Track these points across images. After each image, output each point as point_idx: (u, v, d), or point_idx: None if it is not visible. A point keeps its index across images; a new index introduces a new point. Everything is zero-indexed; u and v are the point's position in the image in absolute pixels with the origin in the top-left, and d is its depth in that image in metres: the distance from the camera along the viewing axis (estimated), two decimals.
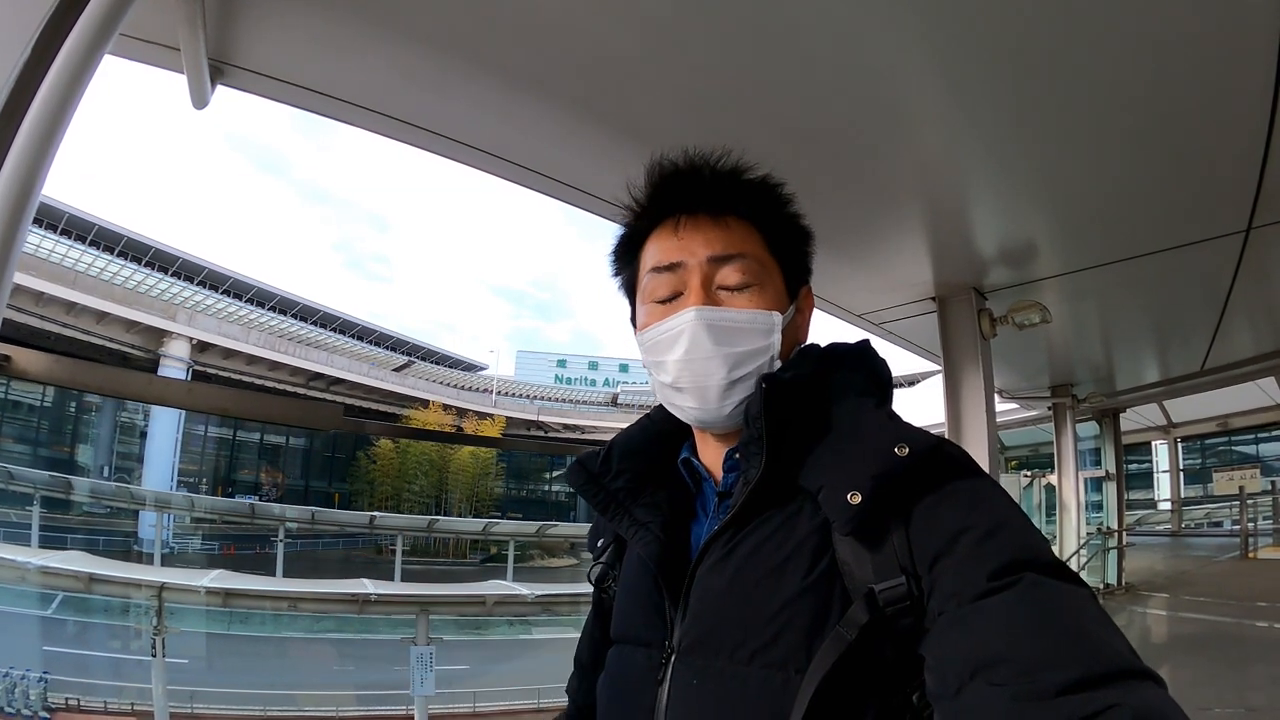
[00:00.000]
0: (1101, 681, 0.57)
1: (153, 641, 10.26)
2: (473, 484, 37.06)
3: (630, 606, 0.95)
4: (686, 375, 0.88)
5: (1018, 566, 0.66)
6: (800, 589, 0.76)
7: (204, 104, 1.60)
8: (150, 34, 1.46)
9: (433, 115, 1.87)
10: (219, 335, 29.96)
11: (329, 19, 1.49)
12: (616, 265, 1.02)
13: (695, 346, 0.86)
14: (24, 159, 0.99)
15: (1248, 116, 1.84)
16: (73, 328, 25.66)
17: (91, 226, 31.48)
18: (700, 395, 0.88)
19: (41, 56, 1.03)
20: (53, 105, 1.01)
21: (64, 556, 13.56)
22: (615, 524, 0.95)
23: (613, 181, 1.47)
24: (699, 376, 0.87)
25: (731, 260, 0.89)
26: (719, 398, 0.87)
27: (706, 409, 0.89)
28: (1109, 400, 7.11)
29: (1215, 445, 21.08)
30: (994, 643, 0.62)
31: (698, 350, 0.86)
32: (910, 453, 0.74)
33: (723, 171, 0.94)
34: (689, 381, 0.88)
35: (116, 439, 28.86)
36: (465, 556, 31.96)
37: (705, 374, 0.87)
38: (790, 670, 0.73)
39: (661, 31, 1.52)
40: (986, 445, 3.20)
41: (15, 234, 0.98)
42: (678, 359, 0.88)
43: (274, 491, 34.21)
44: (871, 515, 0.73)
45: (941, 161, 2.12)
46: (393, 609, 12.36)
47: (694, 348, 0.86)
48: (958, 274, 3.09)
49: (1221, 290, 3.34)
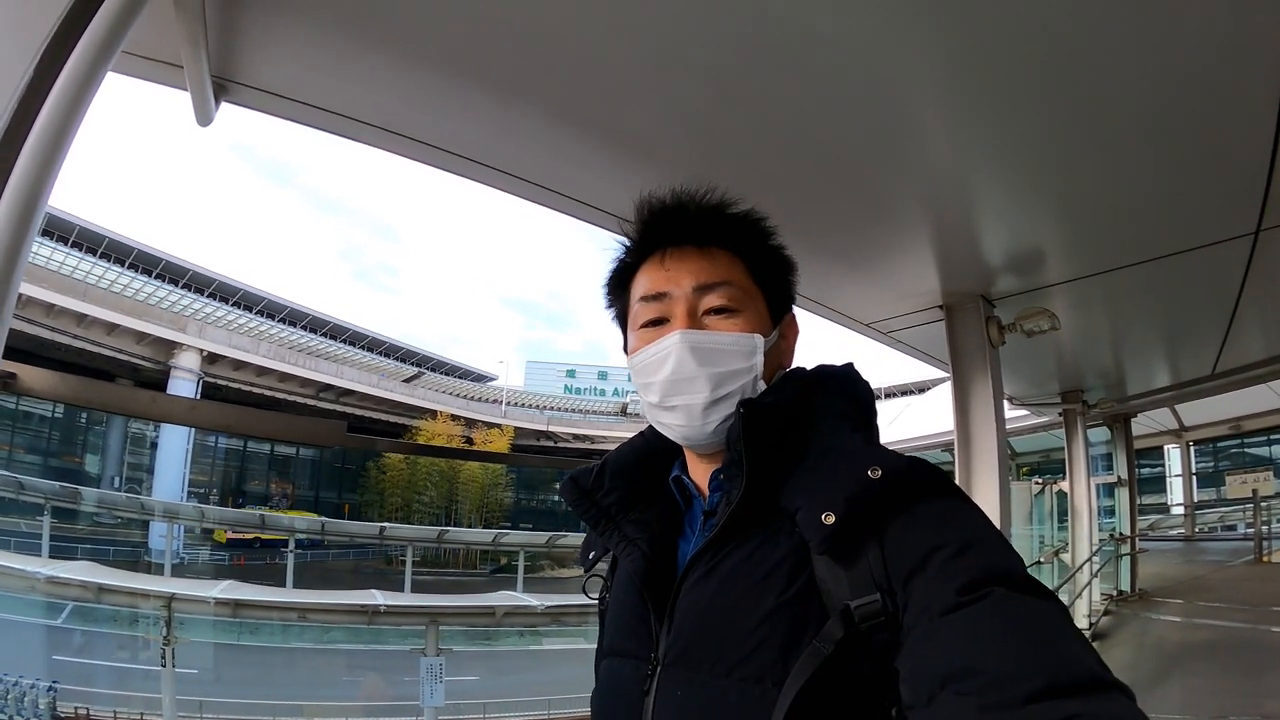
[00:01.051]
0: (1068, 691, 0.58)
1: (162, 652, 10.31)
2: (482, 494, 37.10)
3: (619, 620, 0.99)
4: (672, 394, 0.92)
5: (987, 581, 0.68)
6: (778, 605, 0.80)
7: (208, 121, 1.60)
8: (153, 51, 1.47)
9: (437, 131, 1.88)
10: (229, 347, 30.12)
11: (332, 36, 1.50)
12: (609, 297, 1.08)
13: (680, 367, 0.91)
14: (29, 174, 1.00)
15: (1255, 118, 1.83)
16: (83, 339, 25.83)
17: (102, 239, 31.80)
18: (686, 414, 0.92)
19: (45, 74, 1.04)
20: (57, 122, 1.02)
21: (74, 566, 13.61)
22: (606, 539, 1.01)
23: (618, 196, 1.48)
24: (684, 396, 0.92)
25: (716, 288, 0.94)
26: (703, 415, 0.91)
27: (691, 426, 0.93)
28: (1120, 405, 7.08)
29: (1228, 448, 20.88)
30: (963, 654, 0.64)
31: (683, 370, 0.91)
32: (882, 475, 0.77)
33: (707, 206, 0.99)
34: (674, 400, 0.93)
35: (127, 450, 29.00)
36: (475, 567, 31.97)
37: (690, 393, 0.91)
38: (768, 683, 0.76)
39: (667, 47, 1.53)
40: (996, 453, 3.18)
41: (20, 247, 0.99)
42: (664, 379, 0.92)
43: (284, 502, 34.31)
44: (845, 535, 0.77)
45: (947, 170, 2.12)
46: (402, 620, 12.39)
47: (679, 368, 0.91)
48: (965, 282, 3.08)
49: (1231, 293, 3.32)
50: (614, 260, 1.05)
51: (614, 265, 1.05)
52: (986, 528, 0.77)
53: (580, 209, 2.25)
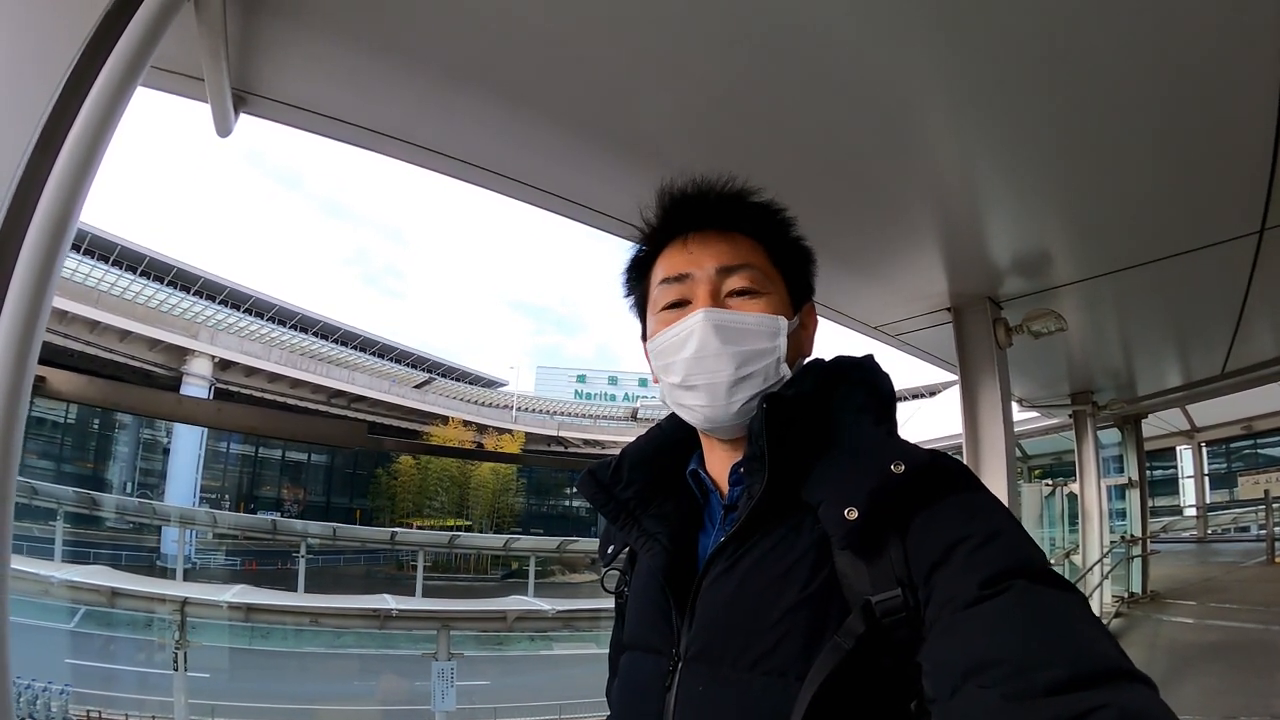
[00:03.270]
0: (1090, 682, 0.58)
1: (174, 655, 10.36)
2: (493, 500, 37.10)
3: (641, 614, 0.98)
4: (695, 372, 0.92)
5: (1009, 574, 0.68)
6: (800, 599, 0.79)
7: (228, 132, 1.64)
8: (175, 65, 1.50)
9: (452, 140, 1.90)
10: (241, 353, 30.35)
11: (350, 48, 1.53)
12: (628, 285, 1.08)
13: (704, 345, 0.90)
14: (62, 188, 1.02)
15: (1257, 117, 1.84)
16: (96, 345, 26.02)
17: (115, 247, 31.96)
18: (709, 392, 0.91)
19: (75, 91, 1.07)
20: (88, 137, 1.04)
21: (87, 571, 13.68)
22: (625, 534, 0.99)
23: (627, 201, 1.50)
24: (707, 373, 0.91)
25: (739, 270, 0.94)
26: (727, 394, 0.90)
27: (715, 405, 0.92)
28: (1130, 406, 7.03)
29: (1240, 449, 20.70)
30: (985, 646, 0.64)
31: (707, 348, 0.90)
32: (905, 469, 0.77)
33: (729, 193, 0.99)
34: (698, 379, 0.92)
35: (140, 455, 29.17)
36: (486, 572, 31.95)
37: (713, 370, 0.90)
38: (790, 677, 0.76)
39: (672, 52, 1.55)
40: (1004, 455, 3.18)
41: (54, 259, 1.01)
42: (687, 357, 0.92)
43: (295, 508, 34.42)
44: (868, 530, 0.76)
45: (954, 172, 2.13)
46: (414, 624, 12.40)
47: (703, 346, 0.90)
48: (972, 284, 3.09)
49: (1239, 292, 3.32)
50: (634, 247, 1.06)
51: (634, 252, 1.06)
52: (1007, 520, 0.76)
53: (590, 215, 2.28)
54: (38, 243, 1.00)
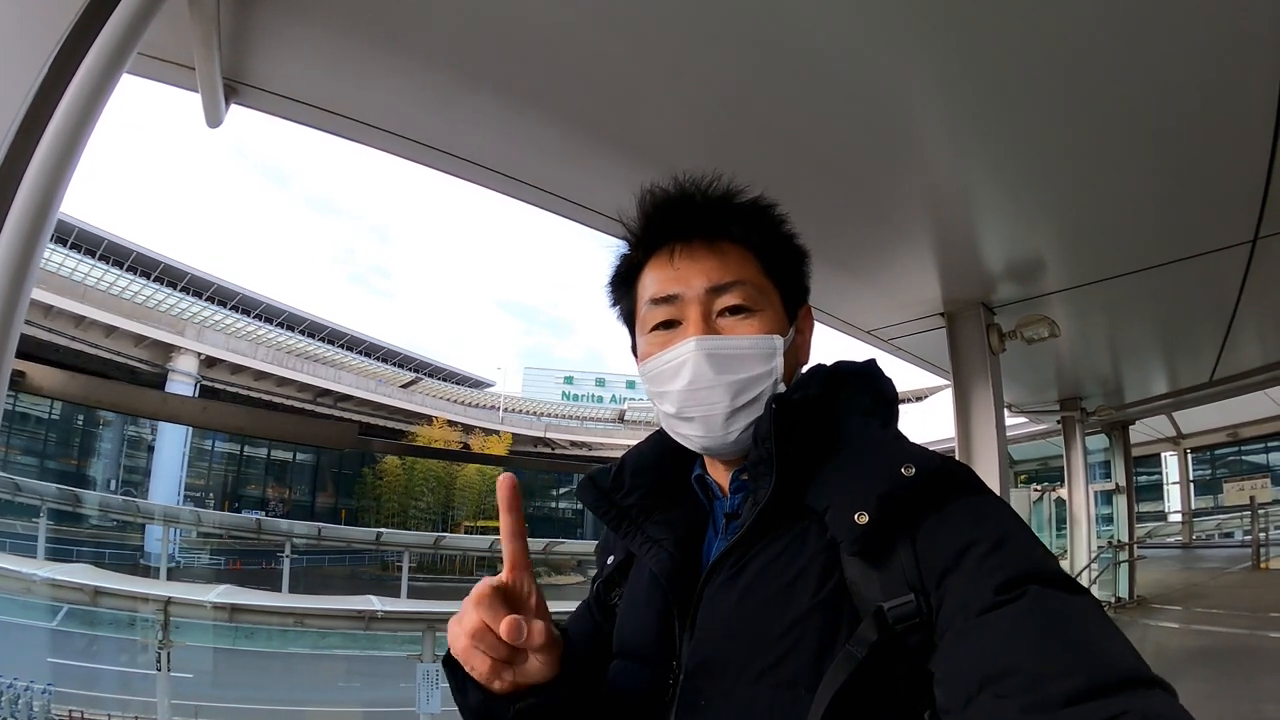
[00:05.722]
0: (1109, 690, 0.57)
1: (158, 655, 10.26)
2: (479, 501, 36.99)
3: (636, 622, 0.94)
4: (690, 405, 0.88)
5: (1023, 580, 0.66)
6: (809, 608, 0.76)
7: (218, 123, 1.61)
8: (166, 53, 1.47)
9: (443, 135, 1.88)
10: (227, 350, 30.08)
11: (343, 39, 1.51)
12: (614, 295, 1.02)
13: (698, 376, 0.86)
14: (42, 177, 0.99)
15: (1252, 128, 1.85)
16: (81, 341, 25.79)
17: (101, 241, 31.72)
18: (705, 424, 0.88)
19: (59, 76, 1.04)
20: (71, 125, 1.02)
21: (70, 569, 13.53)
22: (628, 540, 0.94)
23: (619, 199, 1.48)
24: (703, 406, 0.87)
25: (729, 288, 0.89)
26: (723, 426, 0.87)
27: (712, 437, 0.88)
28: (1118, 413, 7.09)
29: (1225, 456, 20.87)
30: (1001, 655, 0.62)
31: (700, 380, 0.86)
32: (916, 472, 0.74)
33: (714, 197, 0.93)
34: (693, 411, 0.88)
35: (124, 452, 28.90)
36: (472, 573, 31.82)
37: (709, 403, 0.87)
38: (800, 689, 0.73)
39: (669, 52, 1.54)
40: (996, 460, 3.19)
41: (34, 249, 0.99)
42: (680, 389, 0.88)
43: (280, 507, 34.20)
44: (878, 535, 0.74)
45: (949, 179, 2.13)
46: (399, 625, 12.32)
47: (696, 378, 0.86)
48: (966, 290, 3.09)
49: (1229, 301, 3.33)
50: (617, 257, 1.00)
51: (617, 262, 1.00)
52: (1017, 524, 0.74)
53: (583, 213, 2.27)
54: (16, 231, 0.97)
